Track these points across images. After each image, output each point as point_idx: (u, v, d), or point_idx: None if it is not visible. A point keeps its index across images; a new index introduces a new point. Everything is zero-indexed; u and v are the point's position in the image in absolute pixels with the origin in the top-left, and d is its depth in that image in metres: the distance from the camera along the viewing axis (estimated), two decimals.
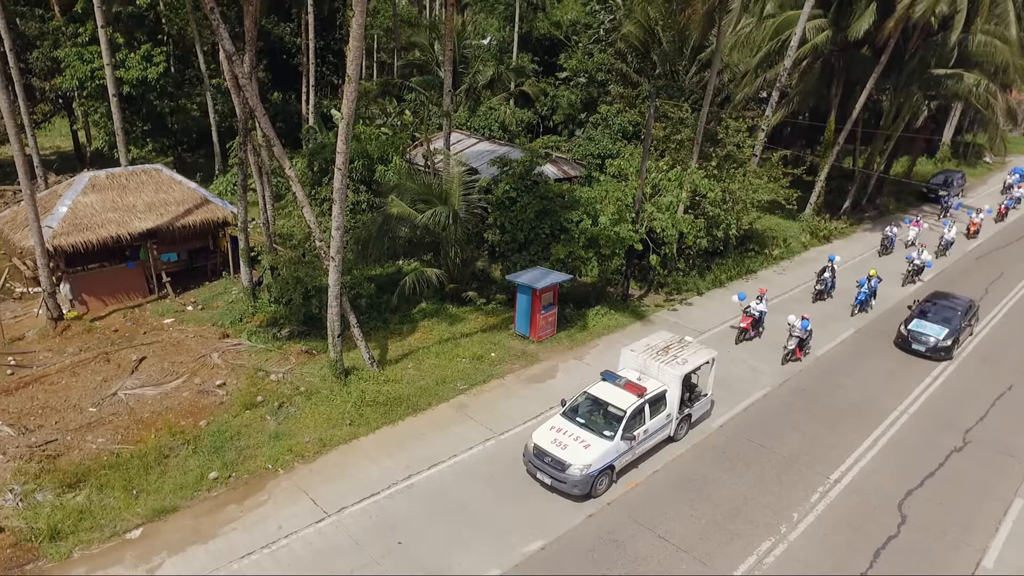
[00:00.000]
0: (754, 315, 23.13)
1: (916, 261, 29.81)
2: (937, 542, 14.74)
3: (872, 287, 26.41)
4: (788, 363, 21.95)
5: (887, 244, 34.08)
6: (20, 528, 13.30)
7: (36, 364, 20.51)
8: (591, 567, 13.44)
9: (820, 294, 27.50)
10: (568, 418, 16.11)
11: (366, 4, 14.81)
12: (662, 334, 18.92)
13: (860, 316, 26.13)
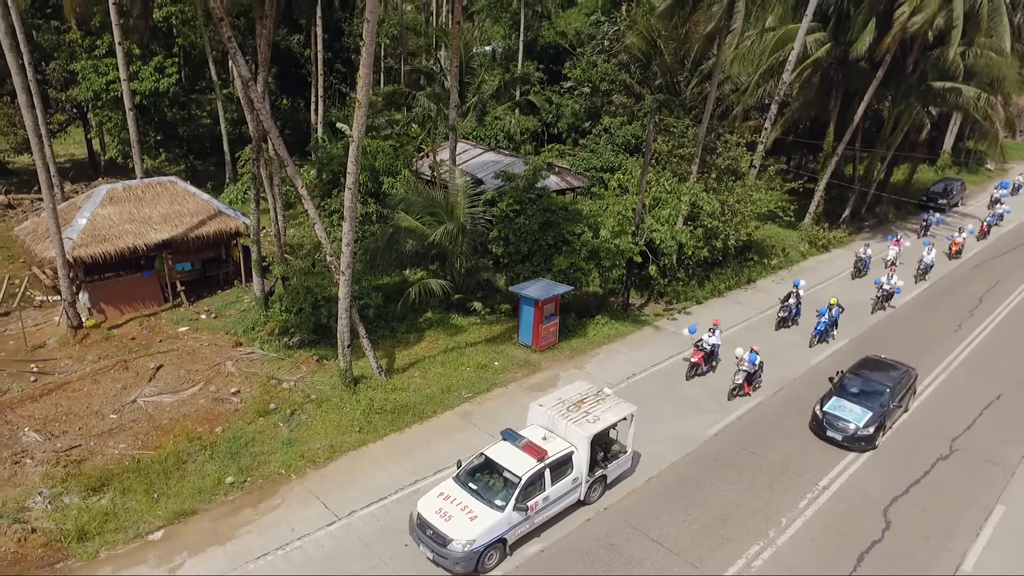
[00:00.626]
0: (706, 348, 21.83)
1: (885, 286, 28.30)
2: (920, 547, 15.42)
3: (833, 316, 24.92)
4: (736, 398, 20.85)
5: (860, 266, 32.41)
6: (50, 529, 14.14)
7: (58, 371, 21.38)
8: (587, 569, 14.18)
9: (784, 321, 26.14)
10: (460, 483, 14.60)
11: (375, 35, 15.60)
12: (579, 386, 17.20)
13: (820, 348, 24.78)
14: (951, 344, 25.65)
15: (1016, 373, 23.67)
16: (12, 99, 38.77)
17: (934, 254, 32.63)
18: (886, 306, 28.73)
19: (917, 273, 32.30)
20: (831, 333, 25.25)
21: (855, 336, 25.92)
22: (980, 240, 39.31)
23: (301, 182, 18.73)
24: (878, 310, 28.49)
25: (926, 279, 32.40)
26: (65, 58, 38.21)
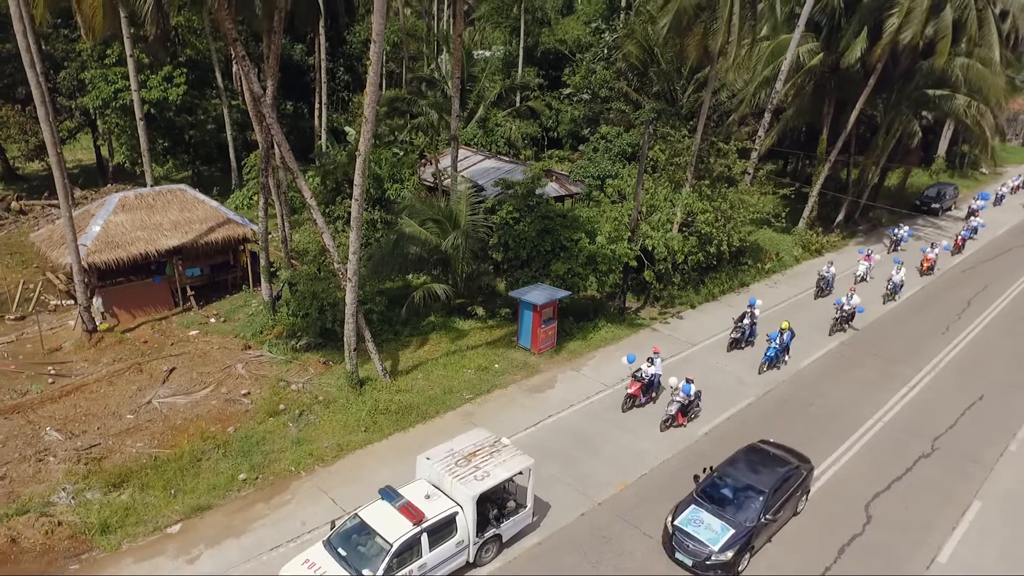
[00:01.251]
0: (644, 379, 20.62)
1: (846, 307, 26.86)
2: (898, 540, 16.21)
3: (784, 342, 23.67)
4: (669, 429, 19.79)
5: (823, 285, 30.87)
6: (75, 522, 14.97)
7: (74, 373, 22.21)
8: (582, 560, 14.99)
9: (736, 342, 24.99)
10: (329, 548, 13.37)
11: (382, 56, 16.45)
12: (476, 434, 15.77)
13: (769, 375, 23.47)
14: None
15: (999, 373, 24.49)
16: (23, 107, 39.75)
17: (903, 272, 31.11)
18: (846, 327, 27.32)
19: (886, 292, 30.71)
20: (783, 359, 24.02)
21: (807, 363, 24.52)
22: (955, 255, 37.84)
23: (310, 193, 19.57)
24: (837, 331, 27.02)
25: (895, 299, 30.85)
26: (76, 67, 39.07)
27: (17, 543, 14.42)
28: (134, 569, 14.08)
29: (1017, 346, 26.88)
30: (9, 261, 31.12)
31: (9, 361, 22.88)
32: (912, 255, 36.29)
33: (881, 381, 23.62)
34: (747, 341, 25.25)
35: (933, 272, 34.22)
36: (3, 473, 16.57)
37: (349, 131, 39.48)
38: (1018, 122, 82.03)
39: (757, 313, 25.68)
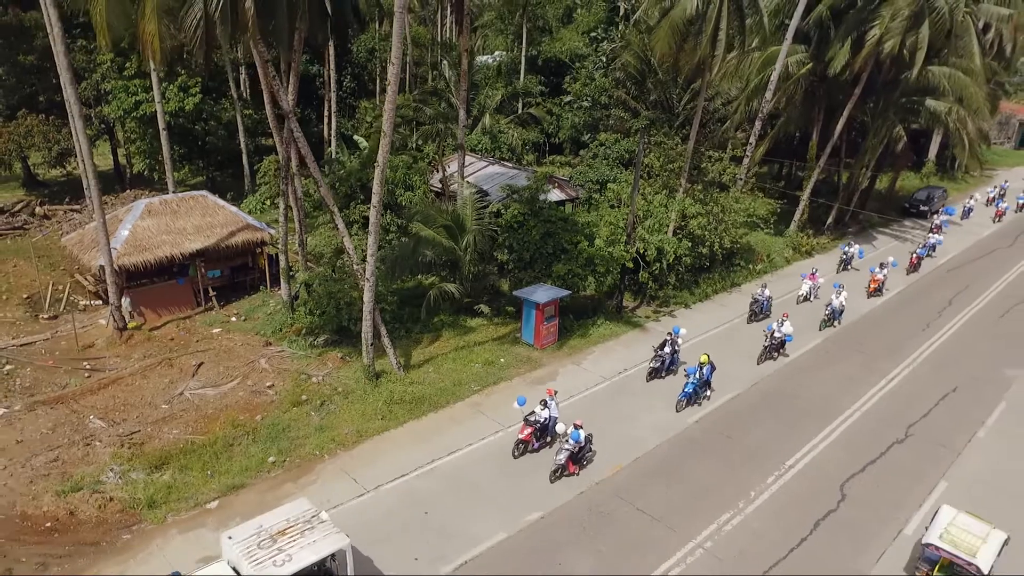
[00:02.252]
0: (537, 423, 19.11)
1: (776, 333, 25.23)
2: (869, 516, 17.81)
3: (704, 376, 22.18)
4: (559, 480, 18.33)
5: (756, 309, 29.22)
6: (124, 498, 16.61)
7: (108, 368, 23.85)
8: (581, 533, 16.61)
9: (656, 372, 23.57)
10: None
11: (399, 78, 18.09)
12: (293, 508, 14.34)
13: (689, 411, 22.07)
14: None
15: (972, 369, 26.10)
16: (47, 116, 41.44)
17: (844, 296, 29.15)
18: (776, 355, 25.77)
19: (823, 318, 28.89)
20: (703, 394, 22.54)
21: (725, 400, 23.00)
22: (910, 274, 36.17)
23: (333, 201, 21.21)
24: (766, 360, 25.51)
25: (834, 325, 29.18)
26: (97, 78, 40.75)
27: (75, 515, 16.09)
28: (179, 539, 15.71)
29: (991, 343, 28.50)
30: (38, 263, 32.67)
31: (47, 357, 24.52)
32: (865, 275, 34.40)
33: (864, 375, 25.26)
34: (668, 370, 23.83)
35: (882, 293, 32.90)
36: (56, 456, 18.23)
37: (359, 139, 41.11)
38: (1010, 125, 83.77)
39: (679, 342, 24.14)
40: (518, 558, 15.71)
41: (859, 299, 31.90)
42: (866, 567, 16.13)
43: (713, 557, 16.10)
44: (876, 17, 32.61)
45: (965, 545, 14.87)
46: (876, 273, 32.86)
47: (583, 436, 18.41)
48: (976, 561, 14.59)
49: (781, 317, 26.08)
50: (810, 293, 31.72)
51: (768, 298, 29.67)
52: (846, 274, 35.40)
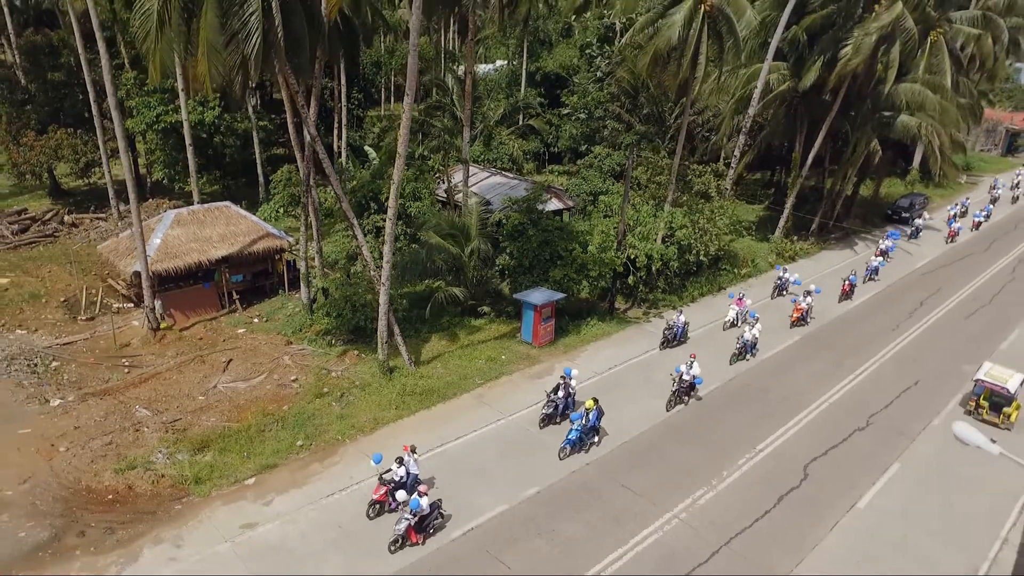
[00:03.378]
0: (393, 481, 17.98)
1: (685, 376, 23.76)
2: (827, 492, 20.19)
3: (591, 422, 20.87)
4: (400, 550, 16.95)
5: (670, 336, 28.12)
6: (174, 475, 19.03)
7: (145, 365, 26.29)
8: (571, 505, 19.01)
9: (549, 418, 22.14)
10: None
11: (412, 106, 20.55)
12: None
13: (572, 460, 20.83)
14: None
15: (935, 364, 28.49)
16: (75, 130, 43.94)
17: (758, 329, 27.93)
18: (686, 400, 24.29)
19: (735, 352, 27.64)
20: (591, 440, 21.30)
21: (614, 447, 21.76)
22: (842, 301, 34.62)
23: (353, 214, 23.64)
24: (676, 406, 24.04)
25: (747, 358, 27.95)
26: (122, 95, 43.20)
27: (132, 489, 18.53)
28: (223, 510, 18.11)
29: (955, 342, 30.92)
30: (71, 269, 35.11)
31: (88, 355, 26.95)
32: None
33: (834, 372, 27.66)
34: (563, 415, 22.17)
35: (806, 322, 31.63)
36: (110, 439, 20.66)
37: (369, 151, 43.47)
38: (997, 133, 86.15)
39: (574, 384, 22.55)
40: (517, 526, 18.12)
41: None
42: (820, 535, 18.52)
43: (687, 526, 18.50)
44: (849, 38, 35.00)
45: (1000, 378, 23.73)
46: (799, 302, 31.47)
47: (424, 504, 16.87)
48: (1007, 386, 23.39)
49: (689, 358, 24.26)
50: (737, 319, 30.71)
51: (684, 324, 28.77)
52: (782, 300, 34.50)
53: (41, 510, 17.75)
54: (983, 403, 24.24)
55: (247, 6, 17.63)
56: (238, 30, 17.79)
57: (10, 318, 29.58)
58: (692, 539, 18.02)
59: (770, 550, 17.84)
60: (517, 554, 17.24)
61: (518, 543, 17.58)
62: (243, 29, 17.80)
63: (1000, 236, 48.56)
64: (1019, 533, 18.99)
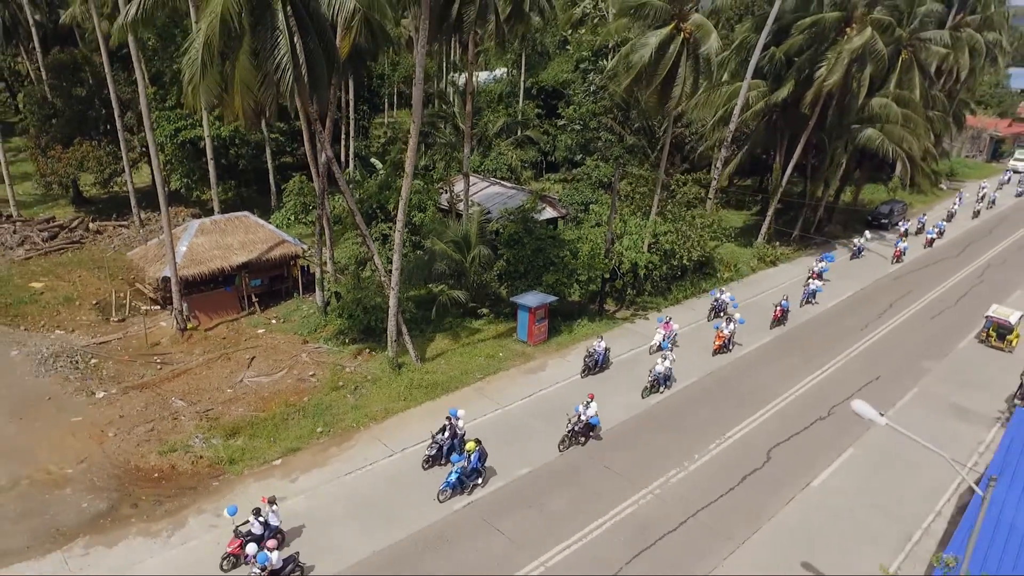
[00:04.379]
0: (250, 533, 17.36)
1: (583, 415, 23.08)
2: (786, 473, 22.83)
3: (472, 464, 20.60)
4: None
5: (590, 363, 27.82)
6: (211, 457, 21.72)
7: (175, 362, 28.96)
8: (558, 481, 21.66)
9: (433, 460, 21.80)
10: None
11: (418, 129, 23.25)
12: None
13: (453, 503, 20.51)
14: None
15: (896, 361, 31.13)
16: (99, 143, 46.65)
17: (670, 362, 27.09)
18: (583, 440, 23.57)
19: (647, 385, 26.88)
20: (474, 481, 21.04)
21: (496, 489, 21.37)
22: (774, 327, 33.89)
23: (366, 228, 26.31)
24: (573, 446, 23.34)
25: (661, 391, 27.24)
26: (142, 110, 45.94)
27: (175, 469, 21.23)
28: (255, 486, 20.77)
29: (918, 340, 33.58)
30: (99, 274, 37.79)
31: (123, 353, 29.62)
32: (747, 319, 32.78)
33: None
34: (447, 458, 21.60)
35: (729, 349, 31.05)
36: (151, 426, 23.35)
37: (375, 162, 46.22)
38: (981, 139, 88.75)
39: (460, 424, 21.95)
40: (509, 498, 20.77)
41: (705, 356, 30.31)
42: (777, 508, 21.17)
43: (660, 500, 21.14)
44: (823, 59, 37.68)
45: (1004, 314, 32.29)
46: (721, 329, 30.72)
47: (274, 559, 16.28)
48: (1009, 320, 31.91)
49: (587, 398, 23.63)
50: (666, 341, 30.32)
51: (605, 350, 28.40)
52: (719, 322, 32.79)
53: (98, 486, 20.45)
54: (991, 334, 32.77)
55: (277, 52, 20.32)
56: (270, 71, 20.49)
57: (48, 319, 32.24)
58: (662, 511, 20.70)
59: (731, 521, 20.49)
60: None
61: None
62: (273, 71, 20.49)
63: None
64: (951, 507, 21.64)
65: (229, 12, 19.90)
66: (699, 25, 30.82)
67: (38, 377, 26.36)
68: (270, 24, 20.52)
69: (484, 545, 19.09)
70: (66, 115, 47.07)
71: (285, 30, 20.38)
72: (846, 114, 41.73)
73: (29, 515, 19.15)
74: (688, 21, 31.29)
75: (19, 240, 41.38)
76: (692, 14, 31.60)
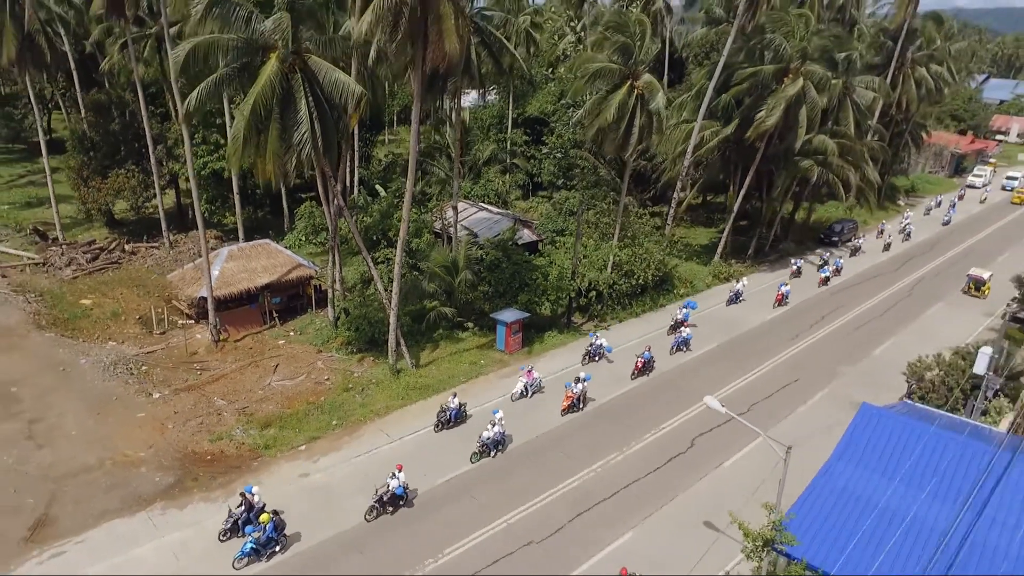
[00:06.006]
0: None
1: (390, 483, 23.72)
2: (706, 456, 28.77)
3: (266, 534, 21.64)
4: None
5: (443, 420, 28.98)
6: (250, 443, 27.74)
7: (212, 368, 34.94)
8: (525, 463, 27.58)
9: (230, 531, 22.47)
10: None
11: (414, 176, 29.26)
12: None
13: (248, 569, 21.79)
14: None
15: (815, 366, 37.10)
16: (132, 172, 52.56)
17: (501, 425, 27.48)
18: (390, 510, 24.13)
19: (476, 449, 27.34)
20: (272, 549, 21.88)
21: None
22: (637, 377, 34.66)
23: (371, 259, 32.30)
24: (379, 516, 23.94)
25: (492, 455, 27.68)
26: (170, 144, 52.09)
27: (223, 452, 27.26)
28: (286, 465, 26.78)
29: (838, 348, 39.56)
30: (138, 291, 43.74)
31: (168, 361, 35.60)
32: (620, 363, 35.33)
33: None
34: (243, 530, 22.44)
35: (579, 408, 31.28)
36: (200, 420, 29.35)
37: (379, 189, 52.21)
38: (943, 156, 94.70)
39: (257, 499, 22.94)
40: (478, 477, 26.68)
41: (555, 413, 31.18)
42: (692, 483, 27.12)
43: (599, 476, 27.13)
44: (763, 104, 43.73)
45: (979, 272, 47.76)
46: (570, 388, 30.86)
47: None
48: (983, 275, 47.10)
49: (396, 469, 24.45)
50: (527, 390, 31.50)
51: (458, 406, 29.24)
52: (594, 365, 35.34)
53: (165, 465, 26.47)
54: (971, 286, 47.93)
55: (299, 130, 26.36)
56: (294, 144, 26.54)
57: (100, 332, 38.22)
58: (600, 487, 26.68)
59: (654, 491, 26.48)
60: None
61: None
62: (297, 144, 26.55)
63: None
64: None
65: (264, 100, 25.93)
66: (648, 84, 36.89)
67: (104, 381, 32.37)
68: (294, 109, 26.55)
69: None
70: (103, 149, 53.06)
71: (306, 114, 26.39)
72: (789, 148, 47.73)
73: (117, 486, 25.17)
74: (640, 80, 37.36)
75: (66, 261, 47.38)
76: (643, 73, 37.66)
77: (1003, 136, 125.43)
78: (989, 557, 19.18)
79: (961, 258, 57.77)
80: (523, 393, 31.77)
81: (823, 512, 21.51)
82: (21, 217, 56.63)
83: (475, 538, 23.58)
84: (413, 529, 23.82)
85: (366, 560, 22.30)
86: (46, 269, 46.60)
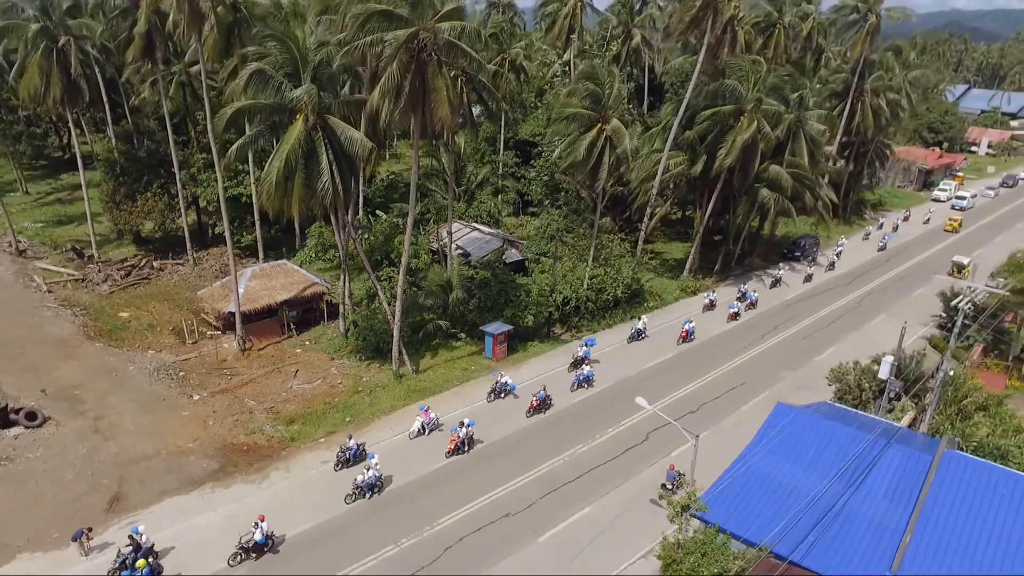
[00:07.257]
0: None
1: (253, 534, 24.84)
2: (657, 447, 34.50)
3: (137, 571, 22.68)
4: None
5: (342, 459, 30.16)
6: (279, 437, 33.54)
7: (240, 374, 40.66)
8: (507, 452, 33.36)
9: (117, 571, 23.13)
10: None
11: (415, 205, 35.01)
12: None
13: None
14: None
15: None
16: (158, 195, 58.20)
17: (376, 469, 28.54)
18: (254, 556, 24.91)
19: (350, 492, 28.47)
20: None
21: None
22: (532, 416, 36.06)
23: (376, 278, 38.07)
24: (244, 562, 24.58)
25: (368, 496, 28.65)
26: (195, 171, 57.77)
27: (257, 444, 33.07)
28: (309, 454, 32.54)
29: (784, 355, 45.35)
30: (169, 305, 49.43)
31: (202, 367, 41.35)
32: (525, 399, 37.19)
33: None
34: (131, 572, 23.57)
35: (464, 451, 32.38)
36: (236, 418, 35.13)
37: (381, 214, 57.99)
38: (911, 171, 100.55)
39: (144, 539, 24.14)
40: (468, 465, 32.44)
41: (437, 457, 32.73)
42: (644, 468, 32.88)
43: (565, 463, 32.90)
44: (723, 142, 49.61)
45: (960, 258, 60.87)
46: (457, 432, 32.06)
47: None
48: (964, 261, 60.41)
49: (258, 520, 25.38)
50: (424, 429, 33.10)
51: (358, 446, 30.96)
52: (501, 403, 37.27)
53: (209, 454, 32.24)
54: (955, 270, 59.66)
55: (321, 178, 32.12)
56: (317, 190, 32.31)
57: (140, 342, 43.99)
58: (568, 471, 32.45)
59: (612, 475, 32.25)
60: None
61: None
62: (319, 190, 32.31)
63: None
64: None
65: (292, 154, 31.69)
66: (616, 129, 42.78)
67: (150, 385, 38.14)
68: (316, 161, 32.31)
69: None
70: (132, 175, 58.75)
71: (327, 166, 32.17)
72: (748, 177, 53.60)
73: (172, 471, 30.94)
74: (609, 124, 43.23)
75: (103, 277, 53.12)
76: (612, 119, 43.52)
77: (976, 148, 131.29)
78: (854, 521, 25.02)
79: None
80: (420, 431, 33.38)
81: (735, 489, 27.31)
82: (55, 235, 62.31)
83: None
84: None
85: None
86: (85, 285, 52.23)
